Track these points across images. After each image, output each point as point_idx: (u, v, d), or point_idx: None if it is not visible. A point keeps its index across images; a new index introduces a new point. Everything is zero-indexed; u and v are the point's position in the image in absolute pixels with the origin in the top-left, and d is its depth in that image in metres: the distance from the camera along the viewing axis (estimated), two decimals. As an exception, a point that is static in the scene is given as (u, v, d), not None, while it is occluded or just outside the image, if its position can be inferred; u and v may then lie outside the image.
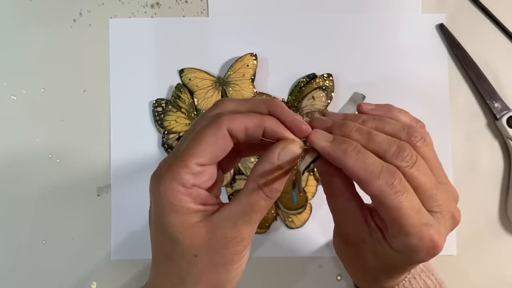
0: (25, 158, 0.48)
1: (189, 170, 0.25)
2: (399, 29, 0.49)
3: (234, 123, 0.26)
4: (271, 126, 0.27)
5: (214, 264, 0.27)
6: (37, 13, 0.49)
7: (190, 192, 0.26)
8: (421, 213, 0.26)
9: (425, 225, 0.26)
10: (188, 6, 0.49)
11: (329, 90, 0.47)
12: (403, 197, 0.25)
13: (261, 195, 0.26)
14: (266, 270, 0.47)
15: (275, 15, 0.49)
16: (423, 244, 0.26)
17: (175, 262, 0.27)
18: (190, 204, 0.26)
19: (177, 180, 0.25)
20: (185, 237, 0.26)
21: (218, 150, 0.26)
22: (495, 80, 0.48)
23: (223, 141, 0.26)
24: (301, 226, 0.47)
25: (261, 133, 0.27)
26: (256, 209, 0.27)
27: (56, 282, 0.47)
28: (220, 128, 0.26)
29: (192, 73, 0.48)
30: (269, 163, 0.26)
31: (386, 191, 0.25)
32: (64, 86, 0.48)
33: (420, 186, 0.26)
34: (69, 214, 0.47)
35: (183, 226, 0.26)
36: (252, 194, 0.26)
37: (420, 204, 0.26)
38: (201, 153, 0.26)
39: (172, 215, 0.26)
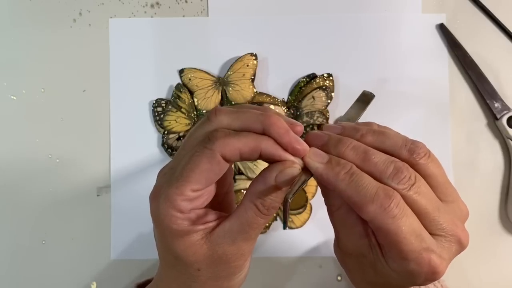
0: (25, 158, 0.48)
1: (185, 197, 0.26)
2: (399, 29, 0.49)
3: (228, 148, 0.25)
4: (267, 149, 0.26)
5: (217, 277, 0.28)
6: (37, 13, 0.49)
7: (188, 217, 0.26)
8: (421, 238, 0.25)
9: (425, 250, 0.25)
10: (188, 6, 0.49)
11: (329, 90, 0.47)
12: (401, 221, 0.24)
13: (258, 213, 0.27)
14: (266, 270, 0.47)
15: (275, 15, 0.49)
16: (422, 269, 0.25)
17: (179, 272, 0.28)
18: (189, 227, 0.26)
19: (174, 207, 0.26)
20: (188, 255, 0.27)
21: (213, 175, 0.26)
22: (495, 80, 0.48)
23: (218, 167, 0.26)
24: (301, 226, 0.47)
25: (257, 156, 0.26)
26: (253, 226, 0.27)
27: (56, 282, 0.47)
28: (214, 156, 0.25)
29: (192, 73, 0.48)
30: (265, 184, 0.26)
31: (381, 215, 0.24)
32: (64, 86, 0.48)
33: (420, 209, 0.25)
34: (69, 214, 0.47)
35: (185, 246, 0.27)
36: (248, 212, 0.27)
37: (421, 227, 0.25)
38: (196, 180, 0.25)
39: (173, 237, 0.27)
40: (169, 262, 0.29)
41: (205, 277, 0.28)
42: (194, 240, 0.27)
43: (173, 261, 0.28)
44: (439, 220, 0.25)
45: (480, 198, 0.48)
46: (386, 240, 0.25)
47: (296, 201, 0.47)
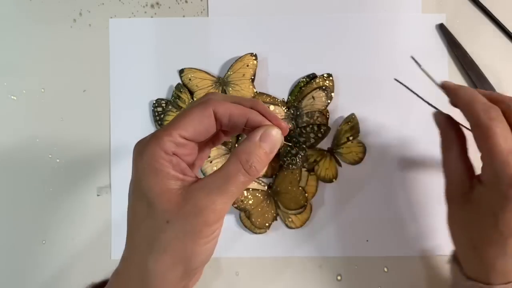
0: (25, 158, 0.48)
1: (172, 138, 0.27)
2: (399, 29, 0.49)
3: (220, 106, 0.28)
4: (254, 117, 0.29)
5: (183, 233, 0.27)
6: (37, 13, 0.49)
7: (170, 159, 0.27)
8: (509, 143, 0.29)
9: (511, 153, 0.29)
10: (188, 6, 0.49)
11: (329, 90, 0.47)
12: (496, 123, 0.30)
13: (240, 169, 0.28)
14: (266, 270, 0.47)
15: (275, 15, 0.49)
16: (505, 170, 0.29)
17: (146, 226, 0.27)
18: (169, 170, 0.27)
19: (159, 145, 0.27)
20: (161, 201, 0.27)
21: (202, 128, 0.28)
22: (495, 80, 0.48)
23: (208, 120, 0.28)
24: (301, 226, 0.47)
25: (244, 122, 0.29)
26: (232, 180, 0.27)
27: (56, 282, 0.47)
28: (207, 108, 0.28)
29: (192, 73, 0.48)
30: (251, 142, 0.28)
31: (483, 113, 0.30)
32: (64, 86, 0.48)
33: None
34: (69, 214, 0.47)
35: (161, 190, 0.27)
36: (231, 166, 0.28)
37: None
38: (185, 126, 0.27)
39: (152, 177, 0.27)
40: (138, 215, 0.28)
41: (171, 232, 0.26)
42: (171, 187, 0.27)
43: (144, 210, 0.27)
44: None
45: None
46: (482, 141, 0.31)
47: (296, 201, 0.47)
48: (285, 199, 0.47)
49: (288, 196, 0.47)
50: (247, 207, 0.47)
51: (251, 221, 0.47)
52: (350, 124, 0.47)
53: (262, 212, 0.47)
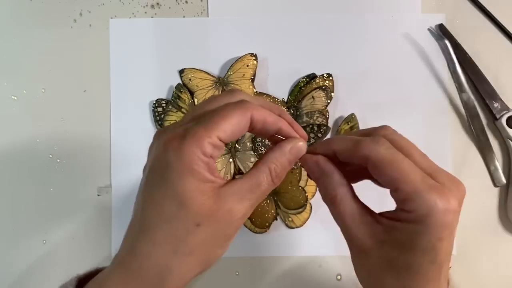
0: (25, 158, 0.48)
1: (211, 140, 0.26)
2: (399, 29, 0.49)
3: (258, 113, 0.28)
4: (285, 127, 0.29)
5: (213, 237, 0.27)
6: (37, 14, 0.49)
7: (207, 161, 0.26)
8: (422, 174, 0.26)
9: (429, 184, 0.25)
10: (188, 6, 0.49)
11: (329, 90, 0.48)
12: (397, 156, 0.26)
13: (268, 178, 0.28)
14: (266, 270, 0.47)
15: (275, 15, 0.49)
16: (433, 198, 0.25)
17: (174, 227, 0.26)
18: (206, 173, 0.26)
19: (200, 147, 0.26)
20: (194, 204, 0.26)
21: (238, 132, 0.27)
22: (495, 80, 0.48)
23: (245, 125, 0.27)
24: (301, 226, 0.47)
25: (275, 130, 0.29)
26: (261, 189, 0.28)
27: (56, 282, 0.47)
28: (246, 113, 0.27)
29: (192, 73, 0.48)
30: (281, 153, 0.29)
31: (375, 147, 0.26)
32: (64, 86, 0.48)
33: (409, 152, 0.27)
34: (70, 214, 0.47)
35: (196, 192, 0.26)
36: (261, 174, 0.28)
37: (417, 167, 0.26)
38: (225, 129, 0.26)
39: (190, 179, 0.26)
40: (165, 214, 0.26)
41: (200, 237, 0.26)
42: (205, 190, 0.26)
43: (173, 210, 0.26)
44: (434, 167, 0.27)
45: (480, 198, 0.48)
46: (388, 176, 0.26)
47: (296, 200, 0.47)
48: (285, 199, 0.47)
49: (288, 196, 0.47)
50: (247, 207, 0.47)
51: (251, 221, 0.47)
52: (350, 124, 0.47)
53: (262, 212, 0.47)
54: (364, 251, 0.28)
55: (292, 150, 0.29)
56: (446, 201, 0.25)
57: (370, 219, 0.28)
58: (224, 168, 0.47)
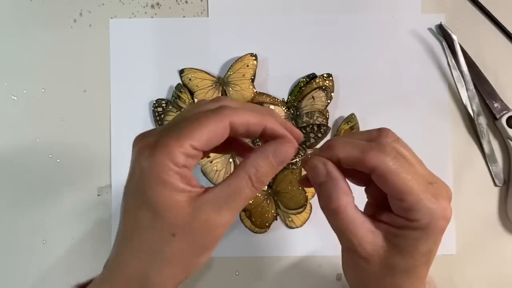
0: (25, 158, 0.48)
1: (183, 150, 0.25)
2: (399, 29, 0.49)
3: (238, 116, 0.27)
4: (271, 125, 0.28)
5: (189, 247, 0.26)
6: (37, 14, 0.49)
7: (179, 171, 0.26)
8: (424, 181, 0.27)
9: (431, 191, 0.27)
10: (188, 6, 0.49)
11: (329, 90, 0.48)
12: (401, 164, 0.26)
13: (248, 184, 0.27)
14: (266, 270, 0.47)
15: (275, 15, 0.49)
16: (433, 205, 0.26)
17: (150, 236, 0.26)
18: (179, 183, 0.26)
19: (170, 157, 0.25)
20: (169, 215, 0.25)
21: (215, 139, 0.26)
22: (495, 80, 0.48)
23: (222, 132, 0.26)
24: (301, 226, 0.47)
25: (260, 130, 0.28)
26: (241, 196, 0.27)
27: (56, 282, 0.47)
28: (223, 120, 0.26)
29: (192, 73, 0.48)
30: (262, 157, 0.27)
31: (382, 158, 0.26)
32: (64, 86, 0.48)
33: (411, 161, 0.28)
34: (70, 214, 0.47)
35: (169, 202, 0.25)
36: (240, 181, 0.27)
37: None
38: (199, 137, 0.26)
39: (160, 189, 0.25)
40: (140, 223, 0.26)
41: (176, 246, 0.26)
42: (180, 200, 0.26)
43: (148, 219, 0.26)
44: (430, 174, 0.28)
45: (480, 198, 0.48)
46: (394, 187, 0.26)
47: (296, 200, 0.47)
48: (285, 199, 0.47)
49: (288, 196, 0.47)
50: (247, 207, 0.47)
51: (251, 221, 0.47)
52: (350, 124, 0.47)
53: (262, 212, 0.47)
54: (365, 258, 0.28)
55: (276, 153, 0.27)
56: (444, 209, 0.26)
57: (370, 227, 0.28)
58: (224, 168, 0.47)
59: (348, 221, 0.28)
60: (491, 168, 0.48)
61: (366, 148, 0.27)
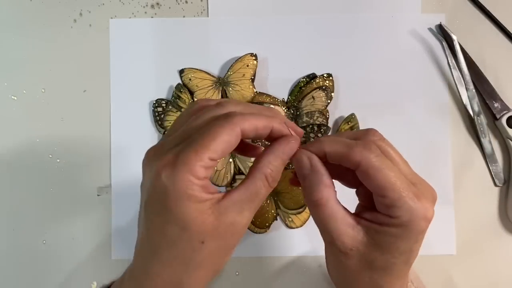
0: (25, 158, 0.48)
1: (203, 163, 0.26)
2: (399, 29, 0.49)
3: (247, 123, 0.28)
4: (277, 126, 0.29)
5: (219, 249, 0.28)
6: (37, 14, 0.49)
7: (201, 183, 0.27)
8: (406, 181, 0.27)
9: (413, 190, 0.27)
10: (188, 6, 0.49)
11: (329, 90, 0.48)
12: (385, 162, 0.27)
13: (265, 184, 0.29)
14: (266, 270, 0.47)
15: (275, 15, 0.49)
16: (415, 211, 0.27)
17: (180, 247, 0.27)
18: (202, 194, 0.27)
19: (192, 173, 0.26)
20: (197, 224, 0.27)
21: (229, 148, 0.28)
22: (495, 80, 0.48)
23: (235, 140, 0.28)
24: (301, 226, 0.47)
25: (268, 133, 0.29)
26: (259, 196, 0.28)
27: (56, 282, 0.47)
28: (235, 128, 0.27)
29: (192, 73, 0.48)
30: (275, 155, 0.29)
31: (367, 154, 0.27)
32: (64, 86, 0.48)
33: (395, 161, 0.29)
34: (69, 214, 0.47)
35: (196, 214, 0.27)
36: (258, 182, 0.28)
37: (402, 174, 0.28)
38: (215, 149, 0.27)
39: (186, 203, 0.26)
40: (169, 237, 0.27)
41: (207, 251, 0.28)
42: (204, 209, 0.27)
43: (176, 233, 0.27)
44: (414, 175, 0.29)
45: (480, 198, 0.48)
46: (377, 183, 0.27)
47: (296, 200, 0.47)
48: (285, 199, 0.47)
49: (288, 196, 0.47)
50: (247, 207, 0.47)
51: (251, 221, 0.47)
52: (350, 124, 0.47)
53: (262, 212, 0.47)
54: (345, 253, 0.29)
55: (285, 150, 0.29)
56: (426, 209, 0.27)
57: (351, 221, 0.29)
58: (224, 168, 0.47)
59: (328, 214, 0.29)
60: (491, 168, 0.48)
61: (351, 144, 0.28)
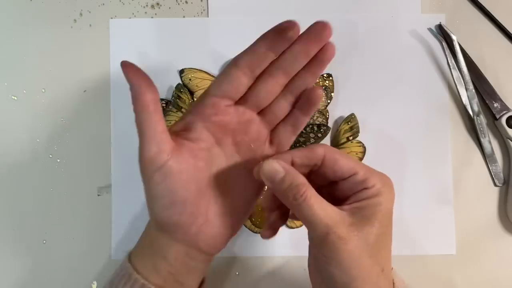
0: (25, 158, 0.48)
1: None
2: (399, 29, 0.49)
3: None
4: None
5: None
6: (37, 13, 0.49)
7: None
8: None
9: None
10: (188, 7, 0.49)
11: (329, 90, 0.48)
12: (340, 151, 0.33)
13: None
14: (266, 270, 0.47)
15: (275, 15, 0.49)
16: (383, 175, 0.32)
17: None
18: None
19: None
20: None
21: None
22: (495, 80, 0.48)
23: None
24: (301, 226, 0.47)
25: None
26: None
27: (56, 282, 0.47)
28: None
29: (192, 73, 0.48)
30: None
31: (328, 147, 0.32)
32: (64, 86, 0.48)
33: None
34: (69, 214, 0.47)
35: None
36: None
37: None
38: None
39: None
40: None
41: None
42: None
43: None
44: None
45: (480, 198, 0.48)
46: (346, 165, 0.31)
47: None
48: (285, 199, 0.47)
49: (288, 196, 0.47)
50: (247, 207, 0.47)
51: (251, 221, 0.47)
52: (350, 124, 0.47)
53: (262, 212, 0.47)
54: (344, 238, 0.29)
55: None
56: (389, 178, 0.32)
57: (336, 209, 0.30)
58: None
59: (317, 206, 0.30)
60: (491, 168, 0.48)
61: (311, 146, 0.32)
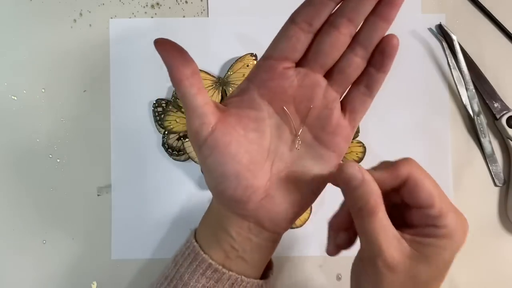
0: (25, 158, 0.48)
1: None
2: (399, 29, 0.49)
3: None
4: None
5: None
6: (37, 13, 0.49)
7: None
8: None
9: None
10: (188, 6, 0.49)
11: (329, 90, 0.47)
12: (424, 171, 0.29)
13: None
14: (266, 270, 0.47)
15: (275, 15, 0.49)
16: (460, 215, 0.28)
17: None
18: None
19: None
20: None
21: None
22: (495, 80, 0.48)
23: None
24: (301, 226, 0.47)
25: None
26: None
27: (56, 282, 0.47)
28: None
29: (192, 73, 0.48)
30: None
31: (415, 168, 0.28)
32: (64, 86, 0.48)
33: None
34: (69, 214, 0.47)
35: None
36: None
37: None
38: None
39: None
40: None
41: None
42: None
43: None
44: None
45: (480, 198, 0.48)
46: (426, 193, 0.28)
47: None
48: (285, 199, 0.47)
49: (288, 196, 0.47)
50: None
51: (251, 221, 0.47)
52: (350, 124, 0.47)
53: (262, 212, 0.47)
54: (392, 267, 0.27)
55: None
56: (466, 220, 0.28)
57: (397, 234, 0.28)
58: None
59: (379, 224, 0.27)
60: (491, 168, 0.48)
61: (395, 163, 0.29)
